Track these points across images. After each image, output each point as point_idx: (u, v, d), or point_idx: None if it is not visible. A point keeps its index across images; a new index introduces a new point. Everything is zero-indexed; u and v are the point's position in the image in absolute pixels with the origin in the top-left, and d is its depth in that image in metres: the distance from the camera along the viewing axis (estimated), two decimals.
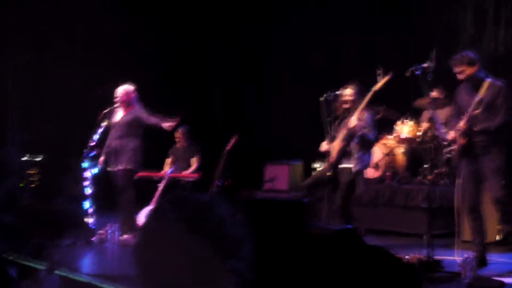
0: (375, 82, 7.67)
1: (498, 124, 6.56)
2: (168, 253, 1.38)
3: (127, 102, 8.98)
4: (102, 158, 9.02)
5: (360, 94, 7.80)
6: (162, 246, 1.39)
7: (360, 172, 7.85)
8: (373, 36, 12.01)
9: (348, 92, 7.83)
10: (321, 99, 8.05)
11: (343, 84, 8.11)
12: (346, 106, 7.83)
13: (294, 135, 12.16)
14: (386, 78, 7.59)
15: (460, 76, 6.73)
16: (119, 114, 9.01)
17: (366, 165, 8.07)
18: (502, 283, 5.97)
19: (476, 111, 6.51)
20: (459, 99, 6.95)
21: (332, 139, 7.86)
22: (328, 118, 7.91)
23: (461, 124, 6.64)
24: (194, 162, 11.13)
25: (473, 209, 6.83)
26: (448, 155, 7.07)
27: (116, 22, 12.80)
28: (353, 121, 7.56)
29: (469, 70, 6.68)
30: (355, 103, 7.79)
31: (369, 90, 7.65)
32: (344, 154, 7.73)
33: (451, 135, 6.88)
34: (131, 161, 8.80)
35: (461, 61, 6.72)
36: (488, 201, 7.01)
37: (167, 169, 10.93)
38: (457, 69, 6.71)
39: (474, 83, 6.71)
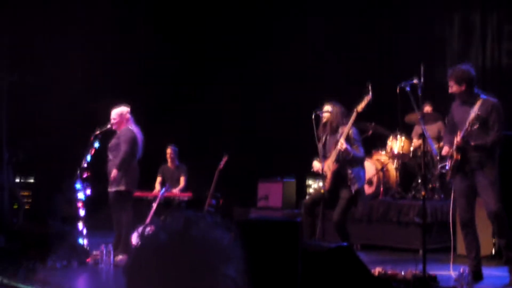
0: (364, 96, 7.72)
1: (493, 140, 6.62)
2: (158, 271, 1.39)
3: (120, 124, 8.98)
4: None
5: (340, 111, 7.86)
6: (152, 264, 1.40)
7: (361, 190, 7.89)
8: (362, 51, 12.07)
9: (327, 113, 7.86)
10: (313, 116, 8.07)
11: (333, 100, 8.14)
12: (331, 124, 7.86)
13: (286, 152, 12.16)
14: (367, 99, 7.65)
15: (452, 90, 6.80)
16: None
17: (364, 181, 8.11)
18: None
19: (473, 127, 6.54)
20: (453, 115, 6.99)
21: (324, 158, 7.88)
22: (321, 134, 7.93)
23: (457, 139, 6.66)
24: (182, 182, 11.13)
25: (467, 224, 6.85)
26: (443, 171, 7.10)
27: (108, 41, 12.83)
28: (341, 143, 7.59)
29: (455, 88, 6.75)
30: (336, 120, 7.84)
31: (353, 110, 7.71)
32: (339, 175, 7.75)
33: (445, 150, 6.91)
34: (122, 182, 8.78)
35: (451, 76, 6.78)
36: (483, 216, 7.03)
37: (158, 187, 10.94)
38: (450, 83, 6.79)
39: (468, 99, 6.75)
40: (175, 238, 1.40)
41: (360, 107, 7.68)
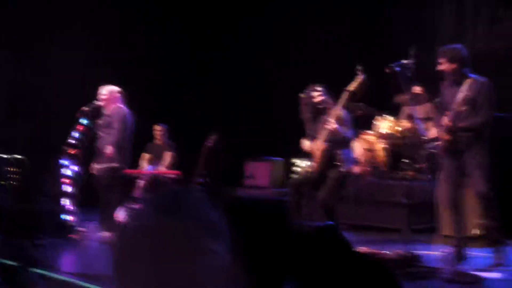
0: (354, 78, 7.72)
1: (482, 121, 6.61)
2: (146, 248, 1.38)
3: (110, 102, 8.95)
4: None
5: (327, 93, 7.87)
6: (140, 241, 1.40)
7: (349, 171, 7.89)
8: (352, 33, 12.06)
9: (315, 94, 7.86)
10: (301, 95, 8.06)
11: (322, 81, 8.14)
12: (318, 105, 7.86)
13: (274, 131, 12.16)
14: (359, 79, 7.65)
15: (441, 68, 6.75)
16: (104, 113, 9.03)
17: (352, 161, 8.12)
18: (481, 277, 6.02)
19: (462, 108, 6.54)
20: (443, 96, 6.98)
21: (312, 137, 7.88)
22: (310, 114, 7.92)
23: (446, 120, 6.67)
24: (168, 158, 11.13)
25: (454, 204, 6.87)
26: (432, 151, 7.11)
27: (99, 21, 12.75)
28: (331, 123, 7.59)
29: (446, 66, 6.72)
30: (325, 102, 7.84)
31: (344, 90, 7.70)
32: (328, 154, 7.75)
33: (434, 132, 6.91)
34: (117, 159, 8.77)
35: (443, 54, 6.76)
36: (469, 196, 7.05)
37: (144, 164, 10.94)
38: (440, 61, 6.75)
39: (455, 80, 6.74)
40: (162, 214, 1.40)
41: (352, 87, 7.67)
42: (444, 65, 6.72)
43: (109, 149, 8.70)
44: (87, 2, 12.72)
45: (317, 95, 7.84)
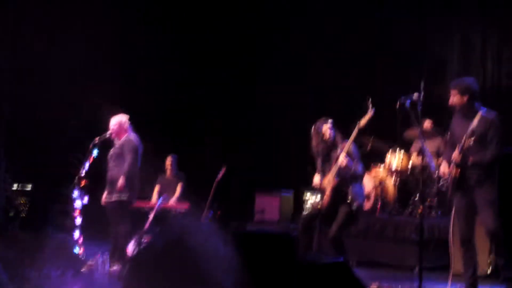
0: (364, 112, 7.71)
1: (492, 155, 6.57)
2: (154, 279, 1.39)
3: (119, 133, 8.98)
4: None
5: (335, 127, 7.87)
6: (148, 272, 1.40)
7: (361, 207, 7.85)
8: (362, 67, 12.11)
9: (325, 128, 7.84)
10: (312, 130, 8.05)
11: (332, 114, 8.14)
12: (328, 140, 7.84)
13: (284, 165, 12.15)
14: (369, 115, 7.64)
15: (453, 101, 6.74)
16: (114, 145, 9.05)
17: (363, 197, 8.08)
18: None
19: (468, 142, 6.51)
20: (453, 130, 6.96)
21: (323, 172, 7.85)
22: (321, 149, 7.89)
23: (454, 155, 6.64)
24: (178, 189, 11.18)
25: (466, 241, 6.80)
26: (442, 188, 7.07)
27: (108, 51, 12.84)
28: (342, 159, 7.56)
29: (456, 98, 6.71)
30: (335, 136, 7.83)
31: (354, 125, 7.70)
32: (339, 190, 7.72)
33: (443, 167, 6.88)
34: (126, 192, 8.76)
35: (454, 86, 6.75)
36: (480, 234, 6.99)
37: (155, 196, 10.95)
38: (452, 94, 6.74)
39: (465, 114, 6.72)
40: (170, 247, 1.40)
41: (363, 122, 7.67)
42: (455, 97, 6.72)
43: (121, 180, 8.70)
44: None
45: (327, 129, 7.83)
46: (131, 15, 13.32)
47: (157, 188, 11.33)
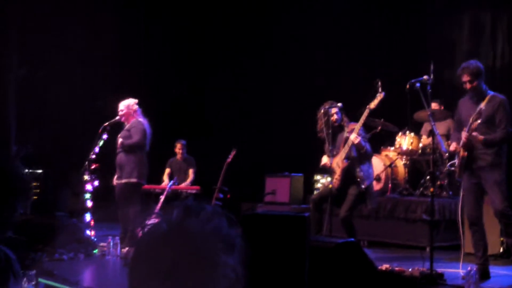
0: (374, 95, 7.69)
1: (501, 137, 6.57)
2: (158, 261, 1.39)
3: (128, 116, 9.01)
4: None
5: (342, 110, 7.85)
6: (152, 254, 1.41)
7: (370, 187, 7.85)
8: (372, 50, 12.07)
9: (332, 111, 7.84)
10: (321, 112, 8.04)
11: (341, 97, 8.13)
12: (335, 123, 7.83)
13: (294, 147, 12.14)
14: (380, 97, 7.63)
15: (466, 86, 6.71)
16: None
17: (372, 178, 8.08)
18: None
19: (476, 122, 6.50)
20: (460, 112, 6.95)
21: (332, 154, 7.84)
22: (329, 131, 7.88)
23: (463, 135, 6.63)
24: (190, 174, 11.29)
25: (474, 222, 6.82)
26: (451, 168, 7.05)
27: (117, 35, 12.84)
28: (355, 137, 7.57)
29: (466, 81, 6.69)
30: (341, 119, 7.83)
31: (365, 107, 7.68)
32: (348, 172, 7.72)
33: (453, 147, 6.87)
34: (134, 174, 8.81)
35: (464, 69, 6.72)
36: (491, 214, 6.98)
37: (166, 179, 11.00)
38: (464, 78, 6.70)
39: (477, 95, 6.71)
40: (174, 228, 1.41)
41: (373, 104, 7.66)
42: (464, 80, 6.69)
43: (120, 142, 8.79)
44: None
45: (333, 112, 7.83)
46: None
47: (167, 171, 11.40)
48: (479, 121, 6.47)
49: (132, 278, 1.41)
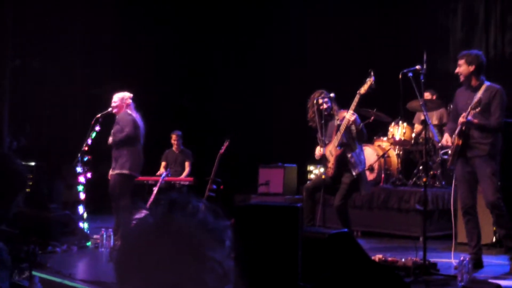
0: (365, 80, 7.70)
1: (494, 123, 6.58)
2: (144, 255, 1.38)
3: (120, 109, 8.97)
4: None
5: (333, 99, 7.84)
6: (138, 248, 1.40)
7: (363, 174, 7.85)
8: (364, 38, 12.05)
9: (321, 100, 7.84)
10: (314, 102, 8.02)
11: (334, 86, 8.13)
12: (325, 112, 7.83)
13: (287, 138, 12.15)
14: (369, 82, 7.62)
15: (456, 70, 6.74)
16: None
17: (364, 164, 8.07)
18: (499, 285, 5.95)
19: (474, 111, 6.50)
20: (457, 102, 6.95)
21: (324, 143, 7.84)
22: (322, 121, 7.88)
23: (461, 119, 6.61)
24: (187, 167, 11.32)
25: (468, 211, 6.83)
26: (444, 157, 7.06)
27: (113, 29, 12.80)
28: (350, 114, 7.57)
29: (463, 68, 6.70)
30: (331, 108, 7.83)
31: (356, 94, 7.68)
32: (342, 159, 7.72)
33: (445, 139, 6.87)
34: (126, 165, 8.78)
35: (462, 56, 6.75)
36: (483, 204, 7.00)
37: (162, 171, 11.03)
38: (458, 63, 6.74)
39: (470, 85, 6.72)
40: (159, 222, 1.40)
41: (363, 89, 7.65)
42: (462, 67, 6.71)
43: (110, 140, 8.76)
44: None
45: (323, 101, 7.82)
46: None
47: (163, 164, 11.43)
48: (477, 109, 6.48)
49: (118, 271, 1.41)
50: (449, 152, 6.86)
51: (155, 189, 9.73)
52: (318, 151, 7.93)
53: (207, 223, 1.40)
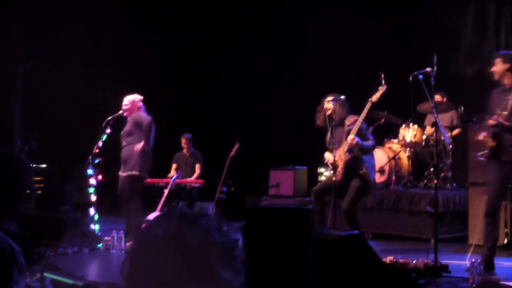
0: (377, 86, 7.67)
1: None
2: (152, 265, 1.38)
3: (131, 111, 8.99)
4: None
5: (344, 102, 7.82)
6: (148, 257, 1.39)
7: (372, 179, 7.83)
8: (375, 41, 12.03)
9: (329, 106, 7.83)
10: (325, 103, 8.01)
11: (344, 89, 8.12)
12: (333, 117, 7.82)
13: (298, 140, 12.14)
14: (382, 90, 7.61)
15: (491, 68, 6.70)
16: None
17: (374, 169, 8.05)
18: (510, 287, 5.94)
19: (504, 113, 6.44)
20: (491, 102, 6.84)
21: (333, 147, 7.83)
22: (332, 124, 7.87)
23: (491, 121, 6.55)
24: (197, 169, 11.32)
25: (492, 214, 6.73)
26: (481, 158, 6.92)
27: (119, 31, 12.85)
28: (352, 137, 7.53)
29: (499, 66, 6.62)
30: (343, 111, 7.81)
31: (367, 101, 7.66)
32: (351, 165, 7.70)
33: (482, 135, 6.76)
34: (136, 167, 8.79)
35: (498, 55, 6.73)
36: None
37: (172, 173, 11.04)
38: (493, 61, 6.70)
39: (504, 84, 6.63)
40: (168, 238, 1.39)
41: (375, 97, 7.63)
42: (497, 66, 6.65)
43: (137, 147, 8.72)
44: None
45: (331, 107, 7.81)
46: None
47: (174, 166, 11.43)
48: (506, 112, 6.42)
49: (128, 282, 1.40)
50: (484, 154, 6.75)
51: (166, 191, 9.75)
52: (327, 156, 7.92)
53: (217, 240, 1.39)
